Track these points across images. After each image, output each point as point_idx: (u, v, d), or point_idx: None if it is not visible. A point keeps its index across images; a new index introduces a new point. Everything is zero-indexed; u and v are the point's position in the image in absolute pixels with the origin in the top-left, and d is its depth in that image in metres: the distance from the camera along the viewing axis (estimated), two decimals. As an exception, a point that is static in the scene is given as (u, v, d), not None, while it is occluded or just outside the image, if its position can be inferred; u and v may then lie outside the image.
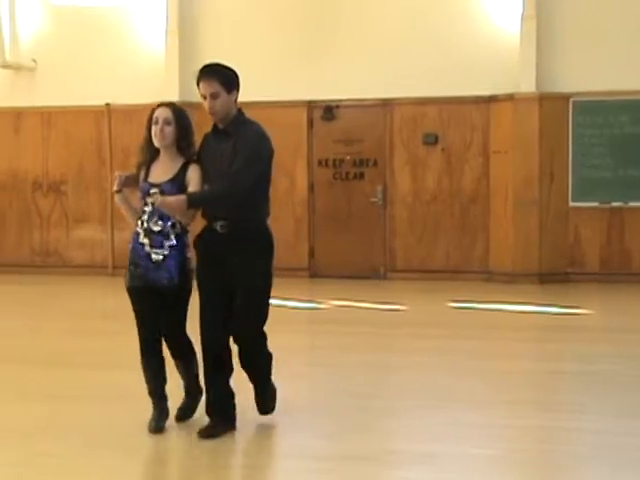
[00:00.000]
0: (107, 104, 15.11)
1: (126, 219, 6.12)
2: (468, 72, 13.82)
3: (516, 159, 13.72)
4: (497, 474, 5.41)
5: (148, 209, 5.86)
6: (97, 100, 15.05)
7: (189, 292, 6.07)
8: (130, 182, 6.02)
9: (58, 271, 15.26)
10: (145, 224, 5.88)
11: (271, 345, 9.90)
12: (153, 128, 5.87)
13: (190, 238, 6.02)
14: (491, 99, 13.78)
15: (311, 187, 14.68)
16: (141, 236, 5.90)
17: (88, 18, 15.25)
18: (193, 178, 5.87)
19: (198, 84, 5.84)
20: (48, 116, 15.38)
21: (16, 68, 15.33)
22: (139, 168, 6.01)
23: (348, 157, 14.56)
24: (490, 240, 14.02)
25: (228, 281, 5.85)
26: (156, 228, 5.86)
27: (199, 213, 5.96)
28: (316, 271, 14.68)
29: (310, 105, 14.60)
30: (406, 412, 6.80)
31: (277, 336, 9.83)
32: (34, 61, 15.42)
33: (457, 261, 14.15)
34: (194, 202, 5.68)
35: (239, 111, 5.95)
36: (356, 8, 14.38)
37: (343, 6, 14.45)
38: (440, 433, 6.15)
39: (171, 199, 5.64)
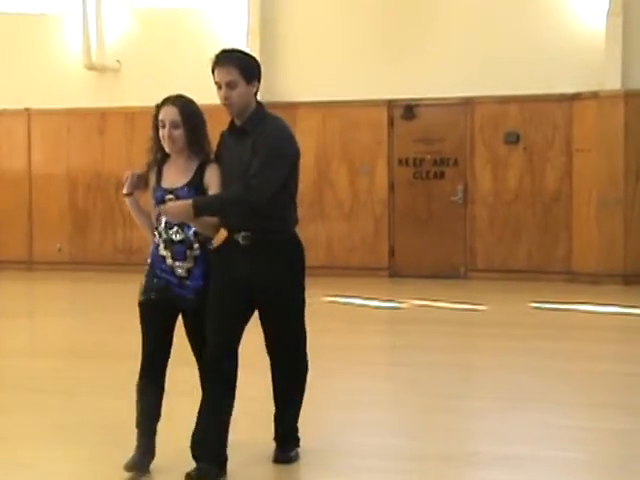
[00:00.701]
0: None
1: (138, 225, 5.48)
2: (551, 70, 13.76)
3: (600, 157, 13.62)
4: (577, 477, 5.40)
5: (165, 217, 5.18)
6: None
7: None
8: (142, 183, 5.38)
9: (141, 269, 15.33)
10: (164, 234, 5.19)
11: (353, 344, 9.91)
12: (160, 131, 5.18)
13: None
14: (574, 97, 13.69)
15: (391, 186, 14.70)
16: (161, 248, 5.22)
17: (171, 20, 15.49)
18: (212, 181, 5.19)
19: (213, 71, 5.16)
20: (132, 116, 15.50)
21: (101, 70, 15.60)
22: (149, 168, 5.35)
23: (428, 156, 14.56)
24: (573, 240, 13.92)
25: (249, 298, 5.23)
26: (177, 237, 5.17)
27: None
28: (396, 270, 14.68)
29: (390, 104, 14.63)
30: (487, 413, 6.81)
31: (359, 336, 10.04)
32: (118, 62, 15.67)
33: (539, 261, 14.06)
34: (201, 208, 4.95)
35: (259, 105, 5.22)
36: (437, 7, 14.38)
37: (423, 5, 14.45)
38: (521, 435, 6.16)
39: (174, 205, 4.98)
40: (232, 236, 5.20)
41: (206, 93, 16.20)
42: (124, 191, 5.32)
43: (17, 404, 7.20)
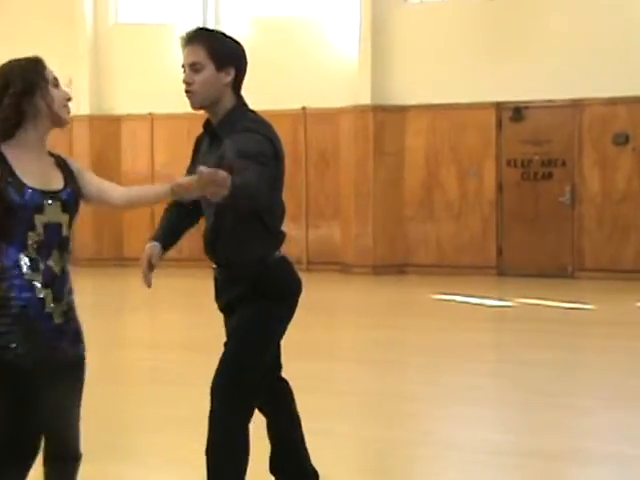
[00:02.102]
0: (303, 108, 15.47)
1: None
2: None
3: None
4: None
5: (38, 237, 3.41)
6: (294, 104, 15.41)
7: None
8: None
9: None
10: (40, 263, 3.41)
11: (460, 341, 9.52)
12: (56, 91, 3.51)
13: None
14: (685, 98, 13.46)
15: (499, 187, 14.65)
16: (38, 287, 3.39)
17: (286, 28, 15.68)
18: (97, 185, 3.61)
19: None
20: None
21: None
22: None
23: (536, 157, 14.44)
24: (682, 240, 13.73)
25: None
26: (57, 267, 3.46)
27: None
28: (503, 269, 14.62)
29: (499, 106, 14.59)
30: (591, 411, 6.74)
31: (465, 333, 10.02)
32: None
33: (648, 261, 13.89)
34: (237, 189, 3.44)
35: (239, 103, 3.97)
36: (544, 10, 14.24)
37: (531, 8, 14.34)
38: (625, 433, 6.07)
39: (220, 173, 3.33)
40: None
41: (317, 96, 15.84)
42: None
43: (139, 395, 7.38)
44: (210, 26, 15.36)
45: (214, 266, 4.16)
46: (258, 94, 16.84)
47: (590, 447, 5.80)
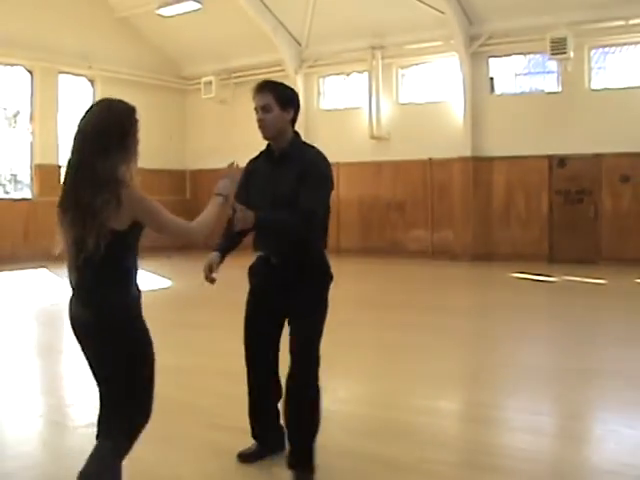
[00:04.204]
0: (429, 158, 15.76)
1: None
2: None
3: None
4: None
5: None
6: (424, 156, 15.68)
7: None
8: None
9: (399, 255, 15.71)
10: None
11: (525, 301, 9.14)
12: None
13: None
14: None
15: (550, 207, 14.62)
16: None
17: (419, 109, 15.88)
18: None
19: (254, 99, 3.49)
20: (397, 165, 16.01)
21: (378, 138, 16.19)
22: None
23: (573, 189, 14.36)
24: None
25: (279, 317, 3.52)
26: None
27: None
28: (552, 258, 14.51)
29: (550, 158, 14.54)
30: (609, 346, 6.52)
31: (528, 297, 10.11)
32: (388, 134, 16.26)
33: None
34: (261, 223, 3.24)
35: (296, 135, 3.55)
36: (578, 101, 14.14)
37: (571, 100, 14.16)
38: (633, 359, 5.85)
39: (241, 213, 3.16)
40: (262, 255, 3.61)
41: (438, 150, 15.44)
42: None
43: (343, 329, 7.20)
44: (373, 110, 15.82)
45: (275, 256, 3.49)
46: (403, 150, 17.35)
47: (604, 368, 5.68)
